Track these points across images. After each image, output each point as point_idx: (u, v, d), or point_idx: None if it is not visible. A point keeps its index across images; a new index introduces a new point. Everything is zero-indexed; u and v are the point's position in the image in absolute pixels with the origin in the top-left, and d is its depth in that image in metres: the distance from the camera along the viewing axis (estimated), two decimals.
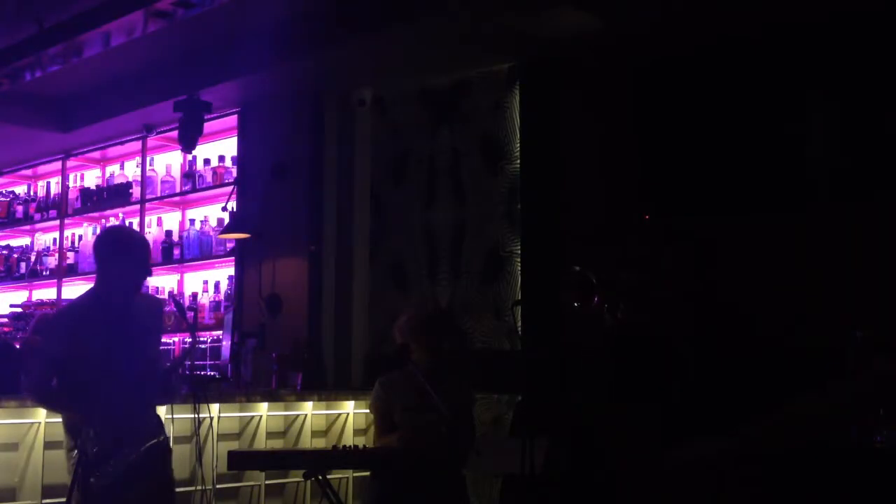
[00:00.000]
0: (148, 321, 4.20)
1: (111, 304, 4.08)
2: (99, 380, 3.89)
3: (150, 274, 4.30)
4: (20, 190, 9.19)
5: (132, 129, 7.67)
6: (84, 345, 3.93)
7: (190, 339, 4.49)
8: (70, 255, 8.35)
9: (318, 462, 4.20)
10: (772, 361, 4.86)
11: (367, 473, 4.79)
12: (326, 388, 6.26)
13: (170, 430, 4.47)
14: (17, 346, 6.38)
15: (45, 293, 8.54)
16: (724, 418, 4.45)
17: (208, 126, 6.97)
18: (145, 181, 7.80)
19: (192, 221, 7.51)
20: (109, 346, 3.94)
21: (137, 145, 7.88)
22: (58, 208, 8.54)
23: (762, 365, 4.78)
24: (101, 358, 3.92)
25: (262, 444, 5.49)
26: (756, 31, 5.18)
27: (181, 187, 7.64)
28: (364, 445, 4.54)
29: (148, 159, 7.84)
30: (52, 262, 8.49)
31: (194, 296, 7.45)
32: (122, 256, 4.10)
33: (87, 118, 7.66)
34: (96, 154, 8.36)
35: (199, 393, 4.48)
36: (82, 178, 8.64)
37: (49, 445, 4.69)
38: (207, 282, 7.42)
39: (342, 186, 6.75)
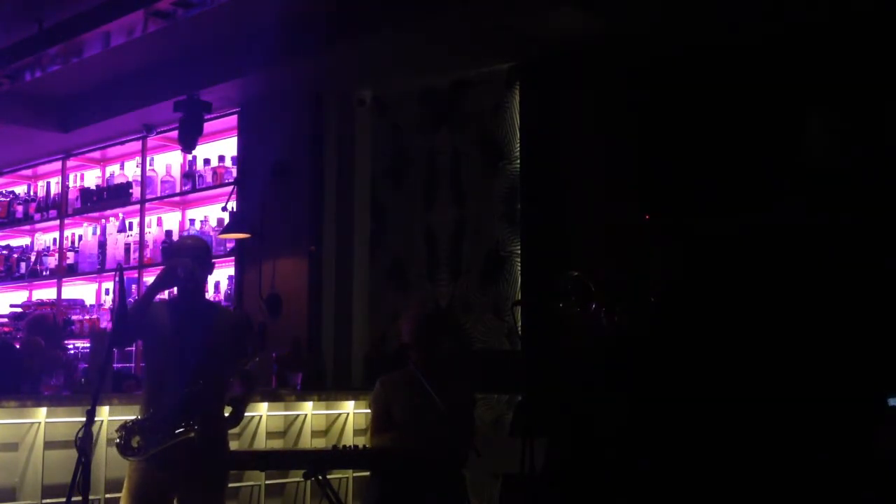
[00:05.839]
0: (216, 324, 4.26)
1: (180, 302, 4.25)
2: (163, 366, 4.10)
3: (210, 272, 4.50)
4: (20, 190, 9.19)
5: (132, 129, 7.68)
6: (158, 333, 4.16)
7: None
8: (70, 254, 8.35)
9: (318, 462, 4.19)
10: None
11: (367, 473, 4.79)
12: (326, 388, 6.26)
13: None
14: (17, 346, 6.40)
15: (45, 293, 8.54)
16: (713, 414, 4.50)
17: (208, 126, 6.97)
18: (145, 181, 7.79)
19: (192, 221, 7.51)
20: (173, 338, 4.12)
21: (137, 145, 7.88)
22: (58, 208, 8.54)
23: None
24: (166, 347, 4.13)
25: (262, 444, 5.49)
26: (755, 33, 5.18)
27: (181, 187, 7.64)
28: (364, 445, 4.54)
29: (148, 159, 7.84)
30: (51, 262, 8.48)
31: None
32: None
33: (87, 118, 7.66)
34: (96, 154, 8.36)
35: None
36: (82, 178, 8.64)
37: (49, 445, 4.69)
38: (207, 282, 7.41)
39: (342, 186, 6.75)
